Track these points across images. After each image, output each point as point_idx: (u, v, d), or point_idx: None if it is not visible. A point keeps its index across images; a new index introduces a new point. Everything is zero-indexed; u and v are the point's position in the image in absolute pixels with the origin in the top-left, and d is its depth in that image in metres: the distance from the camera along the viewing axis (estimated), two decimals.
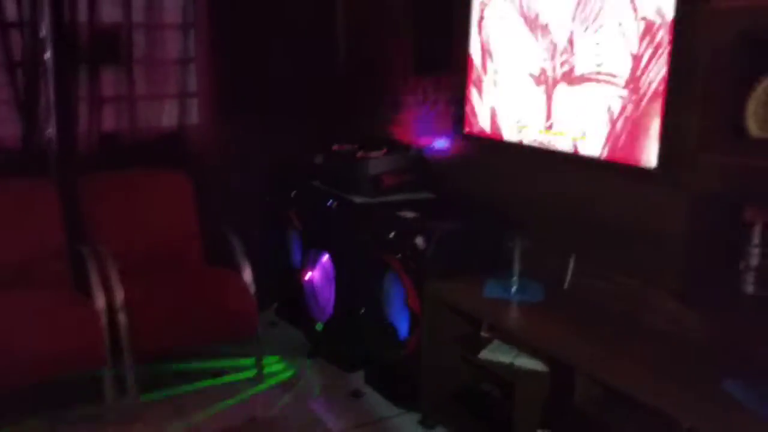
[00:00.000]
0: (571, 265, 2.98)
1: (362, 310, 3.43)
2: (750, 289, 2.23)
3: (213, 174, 3.99)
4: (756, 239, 2.18)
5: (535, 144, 3.03)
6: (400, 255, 3.14)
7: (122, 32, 3.74)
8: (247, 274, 3.44)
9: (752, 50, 2.23)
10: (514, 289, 2.93)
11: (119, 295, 3.07)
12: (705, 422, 2.04)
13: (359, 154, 3.66)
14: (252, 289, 3.42)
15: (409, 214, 3.28)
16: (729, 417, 2.07)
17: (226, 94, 4.05)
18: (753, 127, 2.17)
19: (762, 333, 2.27)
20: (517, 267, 2.94)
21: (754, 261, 2.21)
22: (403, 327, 3.23)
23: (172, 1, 3.85)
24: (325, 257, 3.75)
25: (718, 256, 2.38)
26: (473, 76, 3.31)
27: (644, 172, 2.59)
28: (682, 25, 2.43)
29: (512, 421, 2.71)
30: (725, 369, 2.29)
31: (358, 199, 3.55)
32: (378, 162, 3.59)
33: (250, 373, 3.55)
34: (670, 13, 2.44)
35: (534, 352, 2.76)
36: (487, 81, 3.25)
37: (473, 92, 3.32)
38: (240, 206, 4.06)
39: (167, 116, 3.96)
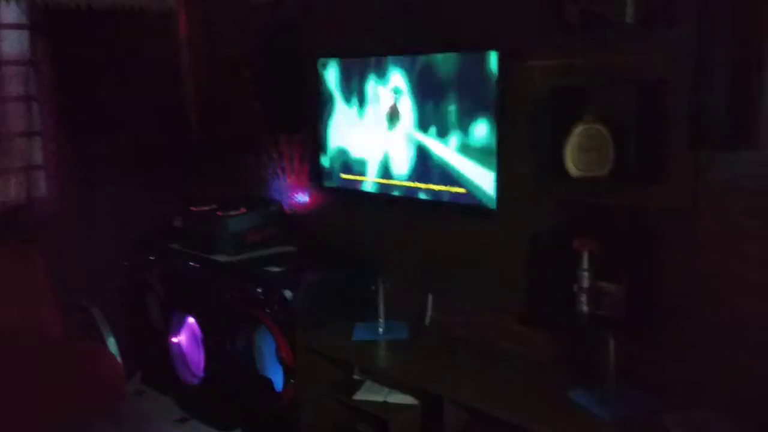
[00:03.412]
0: (430, 302, 3.23)
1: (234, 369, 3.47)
2: (583, 308, 2.55)
3: (67, 245, 3.89)
4: (585, 264, 2.52)
5: (384, 192, 3.28)
6: (269, 309, 3.24)
7: None
8: (112, 344, 3.39)
9: (564, 101, 2.60)
10: (380, 330, 3.12)
11: None
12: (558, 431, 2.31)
13: (219, 213, 3.73)
14: (118, 358, 3.37)
15: (275, 269, 3.39)
16: (578, 423, 2.35)
17: (76, 165, 4.00)
18: (572, 168, 2.52)
19: (596, 345, 2.60)
20: (381, 309, 3.13)
21: (585, 283, 2.54)
22: (277, 379, 3.31)
23: (13, 74, 3.78)
24: (191, 319, 3.76)
25: (554, 282, 2.69)
26: (324, 131, 3.52)
27: (485, 213, 2.89)
28: (504, 82, 2.77)
29: None
30: (569, 380, 2.61)
31: (221, 258, 3.61)
32: (238, 220, 3.68)
33: None
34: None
35: (404, 388, 2.95)
36: (335, 134, 3.47)
37: (325, 146, 3.52)
38: (98, 276, 3.97)
39: (13, 190, 3.85)
